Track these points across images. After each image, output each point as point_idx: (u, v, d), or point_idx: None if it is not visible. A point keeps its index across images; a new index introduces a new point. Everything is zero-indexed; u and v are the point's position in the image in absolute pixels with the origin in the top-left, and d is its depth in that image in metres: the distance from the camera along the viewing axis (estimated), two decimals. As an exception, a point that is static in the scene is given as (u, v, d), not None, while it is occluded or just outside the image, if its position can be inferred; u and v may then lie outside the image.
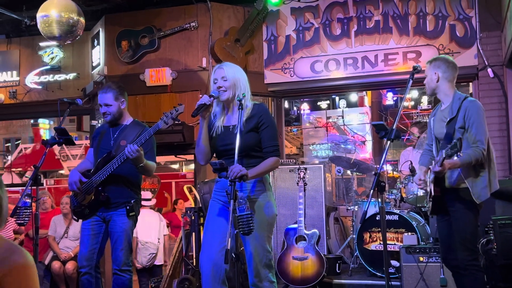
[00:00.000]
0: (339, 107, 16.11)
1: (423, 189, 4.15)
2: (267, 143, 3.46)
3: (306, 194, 6.14)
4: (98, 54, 8.02)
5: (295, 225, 5.94)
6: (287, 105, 16.70)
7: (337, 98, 17.40)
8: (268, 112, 3.56)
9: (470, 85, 7.40)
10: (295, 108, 17.99)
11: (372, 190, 3.38)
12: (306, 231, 5.90)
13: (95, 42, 8.13)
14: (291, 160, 7.32)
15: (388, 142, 3.47)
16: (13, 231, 7.39)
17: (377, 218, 5.95)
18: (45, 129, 24.41)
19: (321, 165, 7.05)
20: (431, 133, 4.14)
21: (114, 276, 4.23)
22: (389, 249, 5.71)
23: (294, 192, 6.28)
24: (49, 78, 8.64)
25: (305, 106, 16.60)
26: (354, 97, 15.83)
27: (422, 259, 5.30)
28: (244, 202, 3.10)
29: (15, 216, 3.93)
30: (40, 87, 8.67)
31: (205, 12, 7.48)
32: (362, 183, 11.67)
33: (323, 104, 17.72)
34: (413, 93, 15.13)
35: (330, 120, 12.20)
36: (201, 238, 6.04)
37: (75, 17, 6.58)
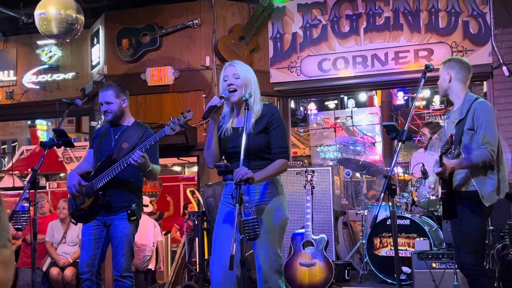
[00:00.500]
0: (348, 107, 16.12)
1: (434, 196, 4.18)
2: (276, 144, 3.46)
3: (313, 198, 6.13)
4: (97, 53, 8.04)
5: (302, 230, 5.94)
6: (294, 105, 16.73)
7: (345, 98, 17.40)
8: (279, 113, 3.57)
9: (484, 84, 7.38)
10: (301, 108, 18.01)
11: (382, 194, 3.38)
12: (314, 236, 5.90)
13: (95, 40, 8.15)
14: (298, 162, 7.33)
15: (399, 143, 3.47)
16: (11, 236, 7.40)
17: (388, 223, 5.94)
18: (43, 130, 24.50)
19: (329, 168, 7.05)
20: (445, 135, 4.15)
21: (115, 282, 4.24)
22: (400, 255, 5.69)
23: (301, 195, 6.27)
24: (47, 77, 8.66)
25: (312, 106, 16.60)
26: (363, 96, 15.82)
27: (435, 265, 5.29)
28: (250, 206, 3.09)
29: (12, 221, 3.93)
30: (37, 87, 8.70)
31: (208, 9, 7.49)
32: (372, 186, 11.64)
33: (331, 104, 17.73)
34: (425, 93, 15.10)
35: (339, 121, 12.17)
36: (205, 243, 6.10)
37: (74, 15, 6.60)
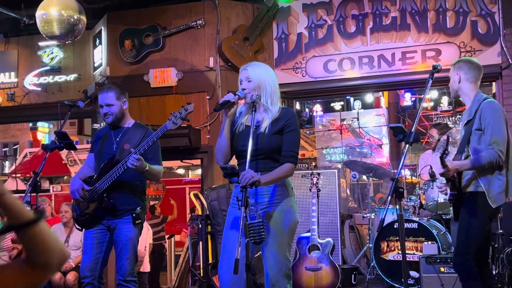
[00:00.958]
0: (354, 109, 16.10)
1: (443, 193, 4.21)
2: (287, 147, 3.47)
3: (319, 201, 6.13)
4: (100, 54, 8.06)
5: (308, 234, 5.94)
6: (299, 107, 16.72)
7: (351, 99, 17.39)
8: (296, 117, 3.59)
9: (493, 84, 7.37)
10: (307, 110, 17.99)
11: (389, 197, 3.38)
12: (320, 240, 5.90)
13: (97, 41, 8.17)
14: (303, 165, 7.33)
15: (407, 145, 3.46)
16: (11, 240, 7.43)
17: (395, 226, 5.93)
18: (44, 133, 24.56)
19: (335, 170, 7.05)
20: (461, 138, 4.16)
21: (118, 287, 4.23)
22: (408, 259, 5.68)
23: (307, 198, 6.28)
24: (49, 79, 8.70)
25: (317, 108, 16.60)
26: (369, 98, 15.81)
27: (443, 269, 5.28)
28: (256, 210, 3.10)
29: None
30: (39, 89, 8.74)
31: (212, 9, 7.51)
32: (379, 189, 11.63)
33: (337, 106, 17.72)
34: (433, 94, 15.06)
35: (345, 123, 12.15)
36: (209, 248, 6.10)
37: (76, 16, 6.62)
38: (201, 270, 6.07)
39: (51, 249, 1.47)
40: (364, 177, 8.12)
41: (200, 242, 6.11)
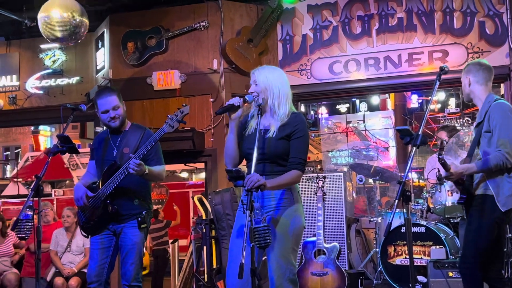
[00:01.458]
0: (360, 111, 16.10)
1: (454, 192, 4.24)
2: (295, 154, 3.48)
3: (325, 205, 6.13)
4: (102, 57, 8.08)
5: (314, 238, 5.93)
6: (304, 109, 16.72)
7: (357, 101, 17.40)
8: (305, 123, 3.59)
9: (502, 86, 7.36)
10: (312, 112, 17.98)
11: (396, 200, 3.38)
12: (326, 244, 5.89)
13: (100, 43, 8.20)
14: (309, 168, 7.32)
15: (414, 148, 3.46)
16: (13, 245, 7.45)
17: (402, 230, 5.92)
18: (46, 136, 24.63)
19: (341, 173, 7.05)
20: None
21: (123, 292, 4.25)
22: (415, 264, 5.67)
23: (313, 202, 6.28)
24: (51, 82, 8.72)
25: (323, 110, 16.60)
26: (376, 100, 15.81)
27: (451, 274, 5.26)
28: (261, 214, 3.10)
29: (16, 230, 3.95)
30: (41, 92, 8.76)
31: (215, 11, 7.52)
32: (386, 193, 11.61)
33: (343, 108, 17.72)
34: (440, 95, 15.05)
35: (350, 125, 12.15)
36: (213, 252, 6.10)
37: (78, 18, 6.64)
38: (205, 275, 6.06)
39: None
40: (371, 180, 8.12)
41: (204, 247, 6.11)
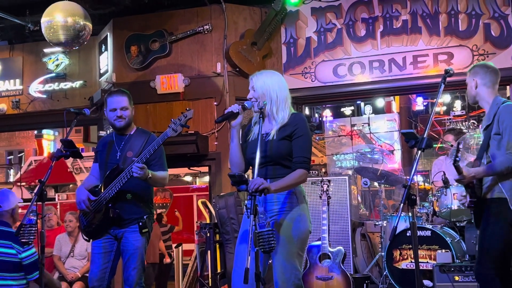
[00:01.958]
0: (365, 114, 16.08)
1: (464, 205, 4.20)
2: (298, 153, 3.48)
3: (330, 209, 6.13)
4: (106, 61, 8.10)
5: (319, 242, 5.93)
6: (308, 112, 16.72)
7: (362, 104, 17.39)
8: (306, 122, 3.58)
9: (507, 88, 7.34)
10: (316, 115, 18.00)
11: (402, 204, 3.37)
12: (331, 248, 5.89)
13: (103, 47, 8.22)
14: (313, 171, 7.32)
15: (419, 151, 3.46)
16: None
17: (407, 234, 5.91)
18: (50, 140, 24.66)
19: (346, 177, 7.04)
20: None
21: (126, 297, 4.25)
22: (421, 268, 5.67)
23: (317, 206, 6.27)
24: (54, 86, 8.75)
25: (327, 113, 16.61)
26: (380, 102, 15.79)
27: (457, 278, 5.25)
28: (265, 218, 3.10)
29: (19, 235, 3.96)
30: (44, 96, 8.79)
31: (219, 14, 7.53)
32: (391, 196, 11.58)
33: (347, 111, 17.72)
34: (445, 98, 15.03)
35: (355, 128, 12.13)
36: (217, 257, 6.10)
37: (81, 22, 6.67)
38: (210, 279, 6.07)
39: None
40: (376, 183, 8.11)
41: (209, 251, 6.11)
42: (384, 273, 6.17)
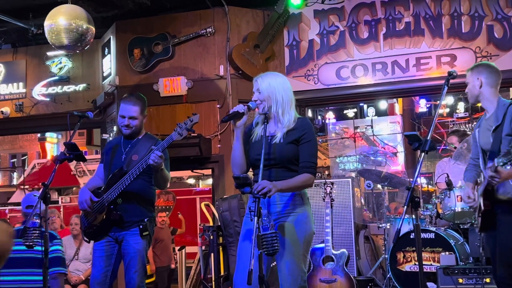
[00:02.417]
0: (368, 116, 16.05)
1: (472, 207, 4.15)
2: (304, 158, 3.51)
3: (333, 211, 6.13)
4: (109, 64, 8.12)
5: (322, 245, 5.92)
6: (311, 114, 16.69)
7: (365, 106, 17.34)
8: (312, 128, 3.62)
9: (511, 90, 7.34)
10: (319, 118, 17.96)
11: (405, 206, 3.37)
12: (334, 251, 5.88)
13: (106, 50, 8.24)
14: (316, 174, 7.31)
15: (423, 154, 3.45)
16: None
17: (411, 237, 5.90)
18: (53, 143, 24.72)
19: (349, 179, 7.03)
20: (476, 145, 4.12)
21: (128, 300, 4.26)
22: (425, 270, 5.66)
23: (320, 208, 6.27)
24: (57, 89, 8.76)
25: (330, 115, 16.55)
26: (383, 104, 15.75)
27: (461, 281, 5.25)
28: (269, 220, 3.10)
29: (23, 238, 3.97)
30: (47, 99, 8.81)
31: (222, 17, 7.54)
32: (394, 198, 11.58)
33: (350, 113, 17.66)
34: (449, 100, 14.98)
35: (358, 130, 12.14)
36: (221, 259, 6.10)
37: (84, 25, 6.68)
38: (213, 282, 6.07)
39: None
40: (379, 186, 8.10)
41: (212, 254, 6.12)
42: (388, 275, 6.16)
